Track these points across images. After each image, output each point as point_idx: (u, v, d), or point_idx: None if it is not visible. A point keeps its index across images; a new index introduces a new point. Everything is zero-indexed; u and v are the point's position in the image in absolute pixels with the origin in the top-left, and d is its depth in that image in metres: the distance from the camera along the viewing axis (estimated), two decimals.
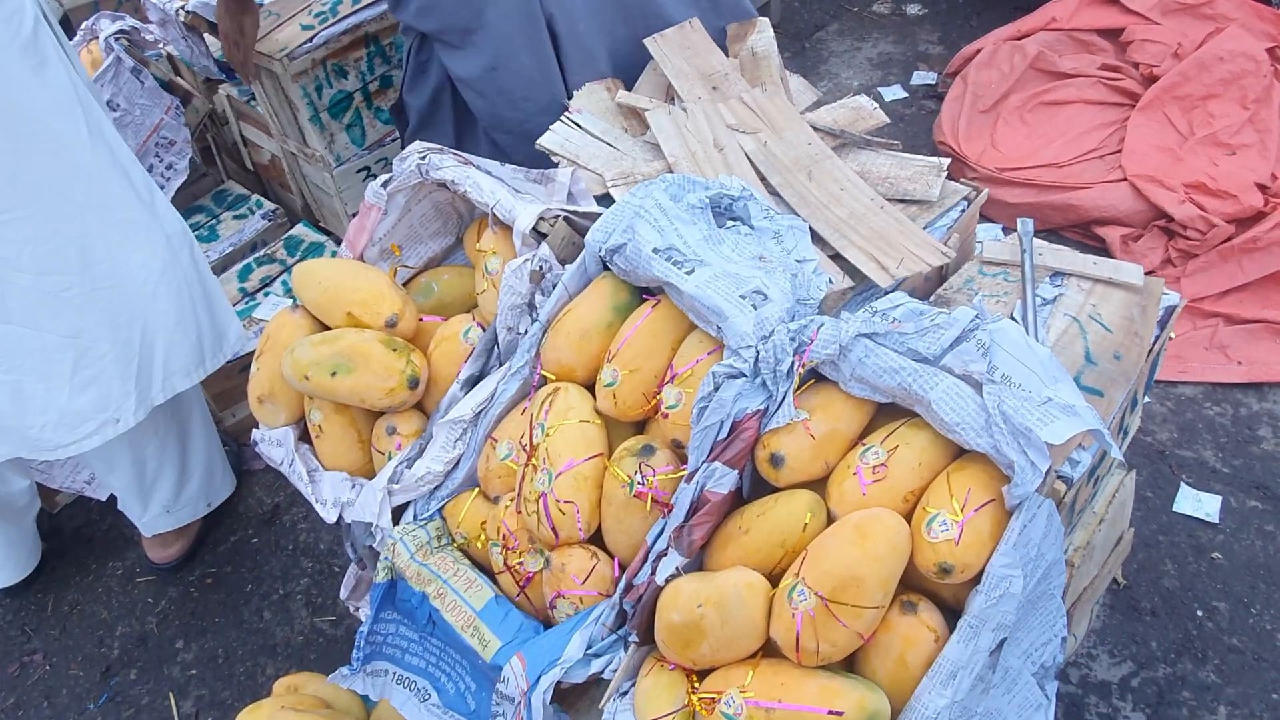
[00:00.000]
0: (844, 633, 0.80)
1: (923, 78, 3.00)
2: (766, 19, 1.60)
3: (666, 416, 0.97)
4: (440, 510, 1.11)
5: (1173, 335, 2.14)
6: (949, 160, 1.39)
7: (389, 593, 1.07)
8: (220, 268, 2.21)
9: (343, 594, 1.23)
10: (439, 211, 1.29)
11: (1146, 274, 2.25)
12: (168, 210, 1.44)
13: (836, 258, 1.25)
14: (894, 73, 3.05)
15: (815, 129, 1.43)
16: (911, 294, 1.30)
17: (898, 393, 0.88)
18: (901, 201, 1.36)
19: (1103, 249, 2.34)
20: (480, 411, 1.09)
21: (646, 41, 1.52)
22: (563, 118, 1.45)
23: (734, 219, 1.09)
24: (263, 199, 2.36)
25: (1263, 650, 1.63)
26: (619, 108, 1.51)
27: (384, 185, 1.21)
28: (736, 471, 0.90)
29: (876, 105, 1.47)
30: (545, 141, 1.40)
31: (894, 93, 2.96)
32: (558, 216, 1.10)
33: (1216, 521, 1.80)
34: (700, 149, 1.39)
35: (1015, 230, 1.34)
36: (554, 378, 1.06)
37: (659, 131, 1.41)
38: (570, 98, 1.51)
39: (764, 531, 0.87)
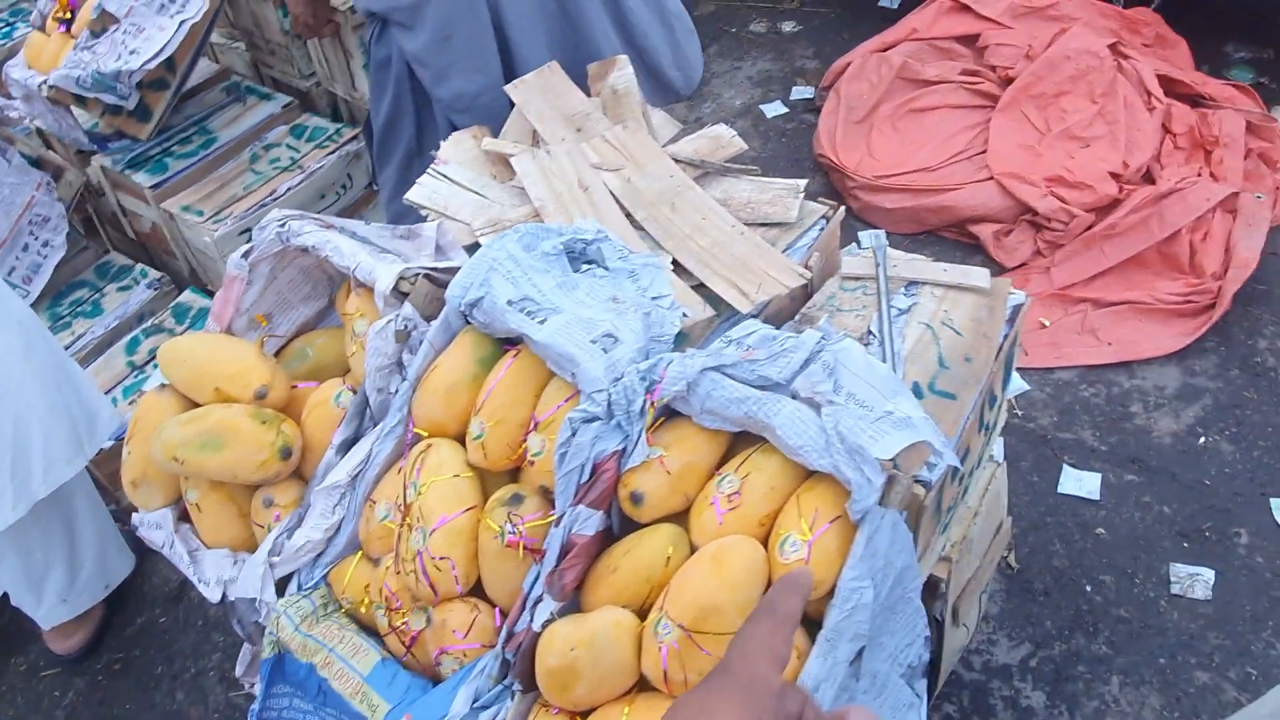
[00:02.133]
0: (709, 661, 0.83)
1: (801, 92, 3.11)
2: (625, 57, 1.65)
3: (532, 464, 0.99)
4: (325, 577, 1.11)
5: (1046, 323, 2.25)
6: (805, 181, 1.45)
7: (277, 667, 1.06)
8: (106, 342, 2.16)
9: (238, 671, 1.21)
10: (307, 276, 1.30)
11: (1017, 266, 2.39)
12: (12, 296, 1.41)
13: (701, 287, 1.29)
14: (774, 89, 3.15)
15: (677, 161, 1.47)
16: (779, 315, 1.35)
17: (746, 421, 0.91)
18: (763, 225, 1.41)
19: (979, 246, 2.46)
20: (357, 474, 1.10)
21: (507, 88, 1.55)
22: (429, 170, 1.46)
23: (589, 262, 1.12)
24: (148, 268, 2.31)
25: (1147, 618, 1.72)
26: (486, 155, 1.53)
27: (245, 256, 1.21)
28: (601, 512, 0.93)
29: (734, 133, 1.53)
30: (413, 196, 1.42)
31: (775, 109, 3.05)
32: (417, 275, 1.12)
33: (1098, 499, 1.90)
34: (565, 190, 1.42)
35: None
36: (426, 434, 1.07)
37: (524, 176, 1.44)
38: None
39: (631, 569, 0.90)
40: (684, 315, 1.08)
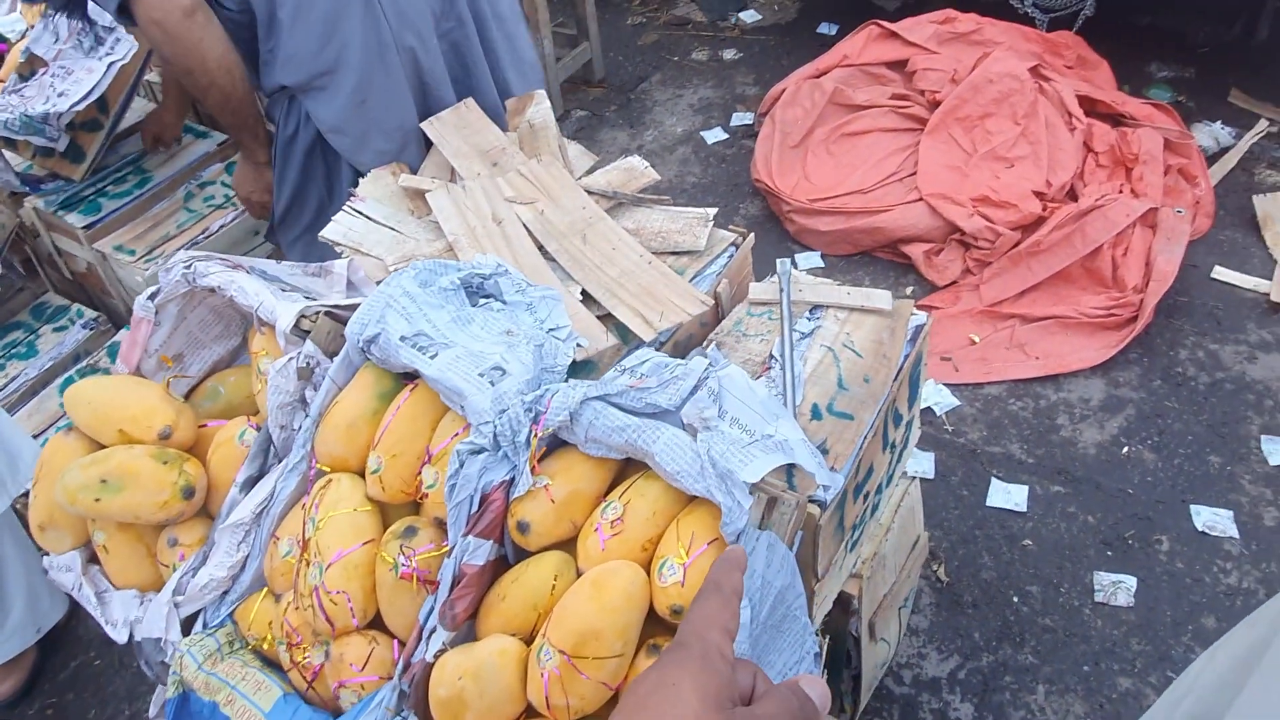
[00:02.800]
0: (589, 685, 0.85)
1: (741, 118, 3.16)
2: (543, 90, 1.68)
3: (426, 497, 1.00)
4: (231, 615, 1.12)
5: (976, 339, 2.30)
6: (715, 210, 1.49)
7: (182, 706, 1.07)
8: (41, 384, 2.14)
9: (151, 712, 1.21)
10: (219, 315, 1.31)
11: (948, 285, 2.44)
12: None
13: (611, 316, 1.32)
14: (715, 116, 3.21)
15: (591, 193, 1.51)
16: (690, 340, 1.38)
17: (628, 449, 0.94)
18: (674, 254, 1.44)
19: (912, 266, 2.51)
20: (261, 511, 1.11)
21: (424, 125, 1.58)
22: (345, 207, 1.48)
23: (487, 296, 1.14)
24: (84, 308, 2.30)
25: (1072, 626, 1.75)
26: (404, 191, 1.55)
27: (151, 297, 1.22)
28: (491, 542, 0.95)
29: (648, 165, 1.56)
30: (328, 233, 1.44)
31: (715, 135, 3.11)
32: (318, 312, 1.13)
33: (1025, 510, 1.94)
34: (479, 224, 1.45)
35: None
36: (329, 470, 1.09)
37: (439, 211, 1.46)
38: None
39: (518, 597, 0.92)
40: (579, 345, 1.10)
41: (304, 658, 1.02)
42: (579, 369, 1.26)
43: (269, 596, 1.10)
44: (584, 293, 1.35)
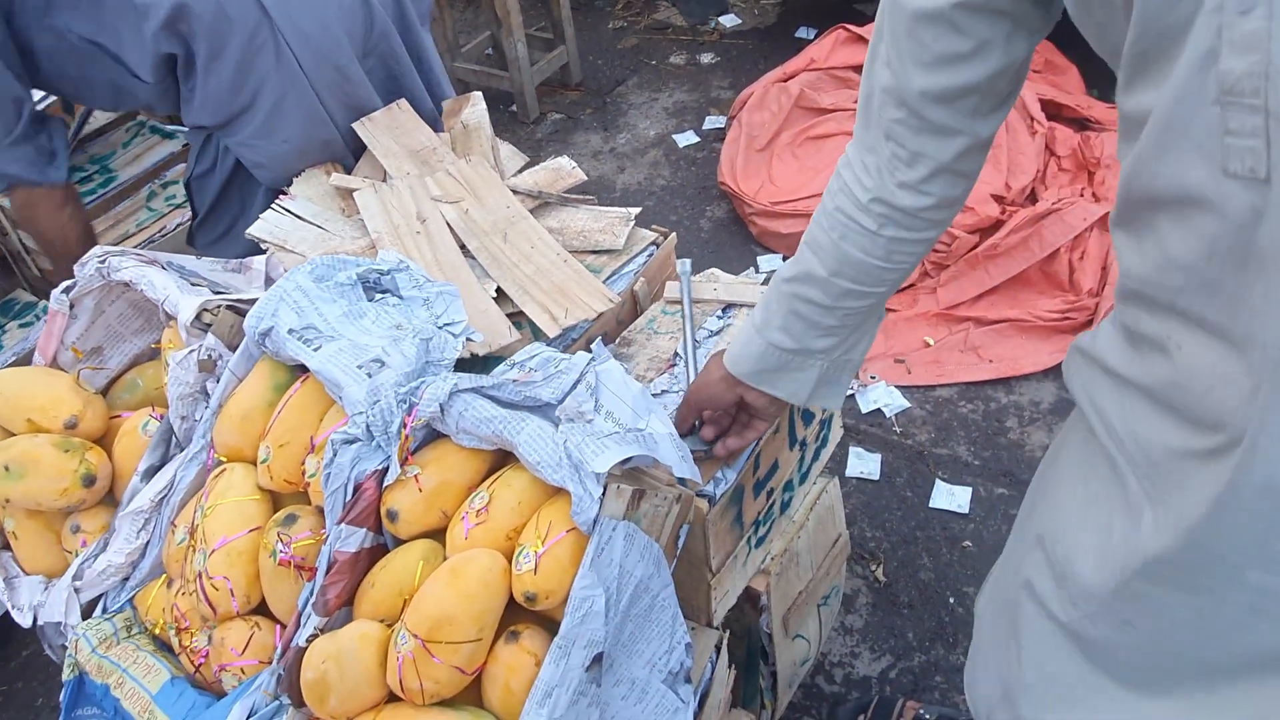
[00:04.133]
0: (443, 669, 0.87)
1: (714, 122, 3.18)
2: (479, 93, 1.71)
3: (308, 485, 1.03)
4: (131, 601, 1.14)
5: (930, 342, 2.30)
6: (637, 210, 1.51)
7: (79, 689, 1.09)
8: None
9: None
10: (138, 309, 1.34)
11: (907, 287, 2.44)
12: None
13: (522, 313, 1.34)
14: (688, 119, 3.22)
15: (517, 192, 1.53)
16: (604, 338, 1.40)
17: (496, 439, 0.96)
18: (594, 252, 1.46)
19: None
20: (162, 499, 1.13)
21: (356, 126, 1.61)
22: (274, 205, 1.51)
23: (385, 292, 1.17)
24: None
25: None
26: (336, 190, 1.58)
27: (65, 291, 1.25)
28: (364, 530, 0.97)
29: (575, 165, 1.58)
30: (254, 230, 1.47)
31: (687, 138, 3.12)
32: (220, 306, 1.16)
33: (967, 512, 1.94)
34: (403, 223, 1.47)
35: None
36: (226, 459, 1.11)
37: (364, 210, 1.49)
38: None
39: (386, 584, 0.94)
40: (470, 339, 1.12)
41: (191, 642, 1.05)
42: (486, 364, 1.28)
43: (166, 582, 1.12)
44: (500, 290, 1.38)
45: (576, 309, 1.30)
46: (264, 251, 1.45)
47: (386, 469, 0.97)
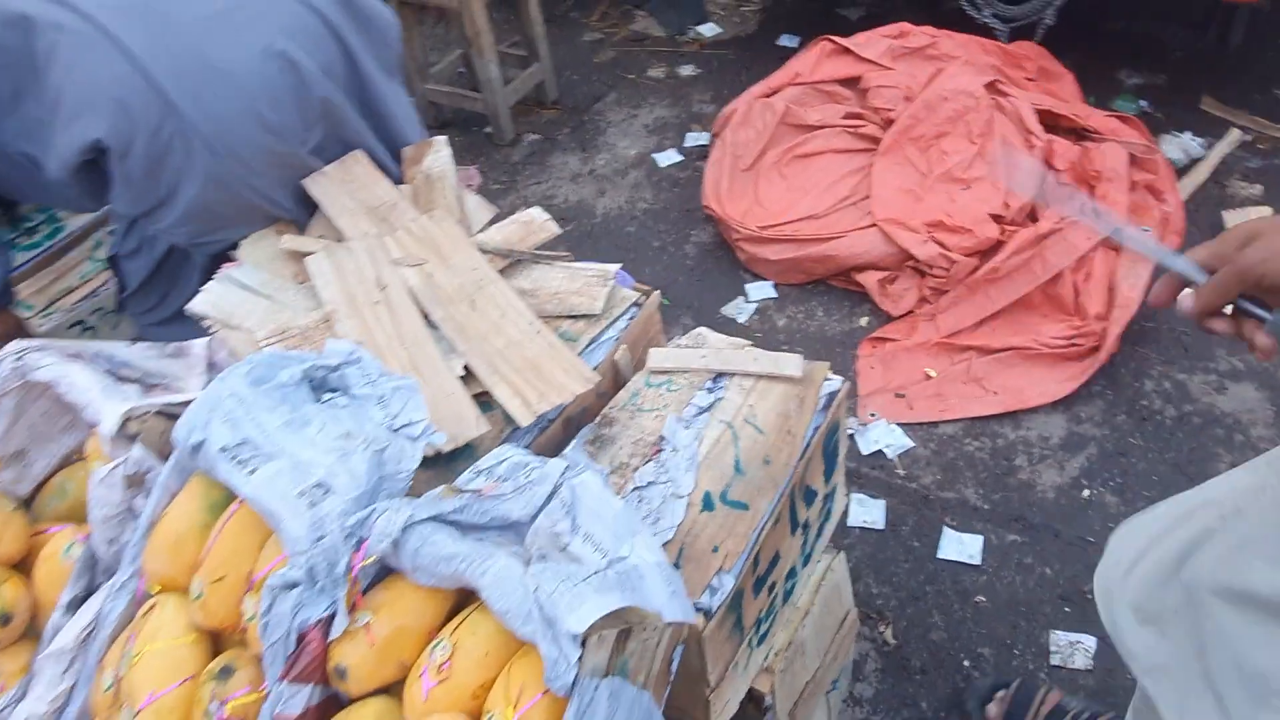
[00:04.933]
0: None
1: (696, 139, 3.06)
2: (444, 138, 1.58)
3: (245, 630, 0.90)
4: None
5: (932, 374, 2.19)
6: (617, 267, 1.38)
7: None
8: None
9: None
10: (65, 406, 1.20)
11: (904, 315, 2.32)
12: None
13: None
14: (669, 137, 3.10)
15: (485, 250, 1.40)
16: (583, 414, 1.27)
17: (459, 580, 0.83)
18: (571, 317, 1.34)
19: (867, 295, 2.40)
20: (88, 636, 1.00)
21: (305, 183, 1.47)
22: (216, 275, 1.38)
23: (334, 391, 1.04)
24: None
25: None
26: (288, 254, 1.45)
27: None
28: (311, 686, 0.84)
29: (548, 217, 1.46)
30: (194, 306, 1.33)
31: (669, 157, 3.00)
32: (147, 413, 1.03)
33: (979, 563, 1.83)
34: (361, 291, 1.34)
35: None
36: (159, 590, 0.98)
37: (317, 277, 1.36)
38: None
39: None
40: (431, 444, 1.00)
41: None
42: (453, 458, 1.16)
43: None
44: (468, 367, 1.25)
45: (551, 391, 1.18)
46: (207, 330, 1.32)
47: (333, 615, 0.84)
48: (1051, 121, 2.52)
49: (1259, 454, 1.78)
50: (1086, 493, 1.92)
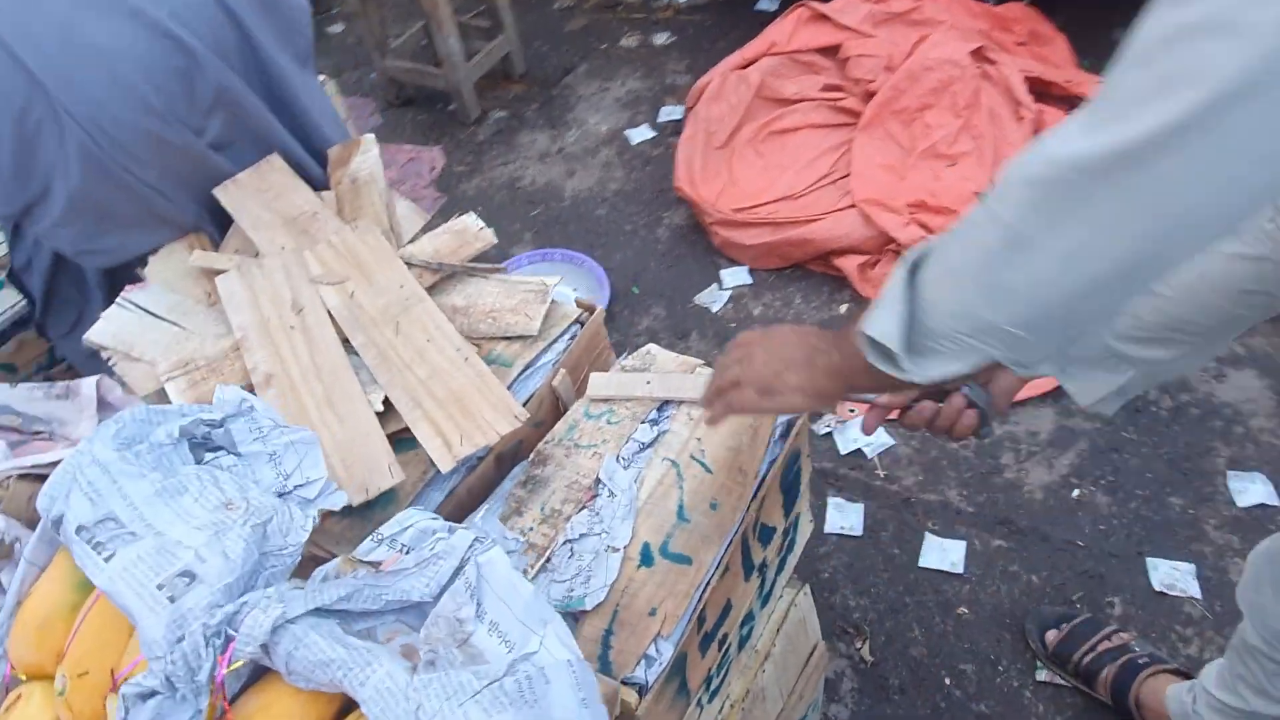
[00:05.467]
0: None
1: (670, 113, 2.91)
2: (372, 136, 1.44)
3: None
4: None
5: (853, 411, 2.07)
6: (557, 280, 1.26)
7: None
8: None
9: None
10: None
11: None
12: None
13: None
14: (642, 111, 2.95)
15: (413, 265, 1.28)
16: (518, 449, 1.16)
17: (339, 687, 0.73)
18: (506, 339, 1.22)
19: (846, 281, 2.27)
20: None
21: (217, 192, 1.35)
22: (118, 299, 1.26)
23: (218, 449, 0.93)
24: None
25: (1009, 713, 1.55)
26: (199, 272, 1.33)
27: None
28: None
29: (482, 225, 1.33)
30: (92, 336, 1.22)
31: (641, 134, 2.85)
32: (9, 477, 0.92)
33: (961, 571, 1.73)
34: (275, 315, 1.22)
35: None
36: (25, 678, 0.88)
37: (228, 300, 1.24)
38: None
39: None
40: (323, 511, 0.89)
41: None
42: (378, 500, 1.05)
43: None
44: (388, 400, 1.14)
45: (475, 431, 1.06)
46: (106, 363, 1.20)
47: None
48: (1043, 89, 2.37)
49: (1259, 447, 1.73)
50: (1076, 492, 1.81)
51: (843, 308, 2.24)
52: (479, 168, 2.83)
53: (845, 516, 1.84)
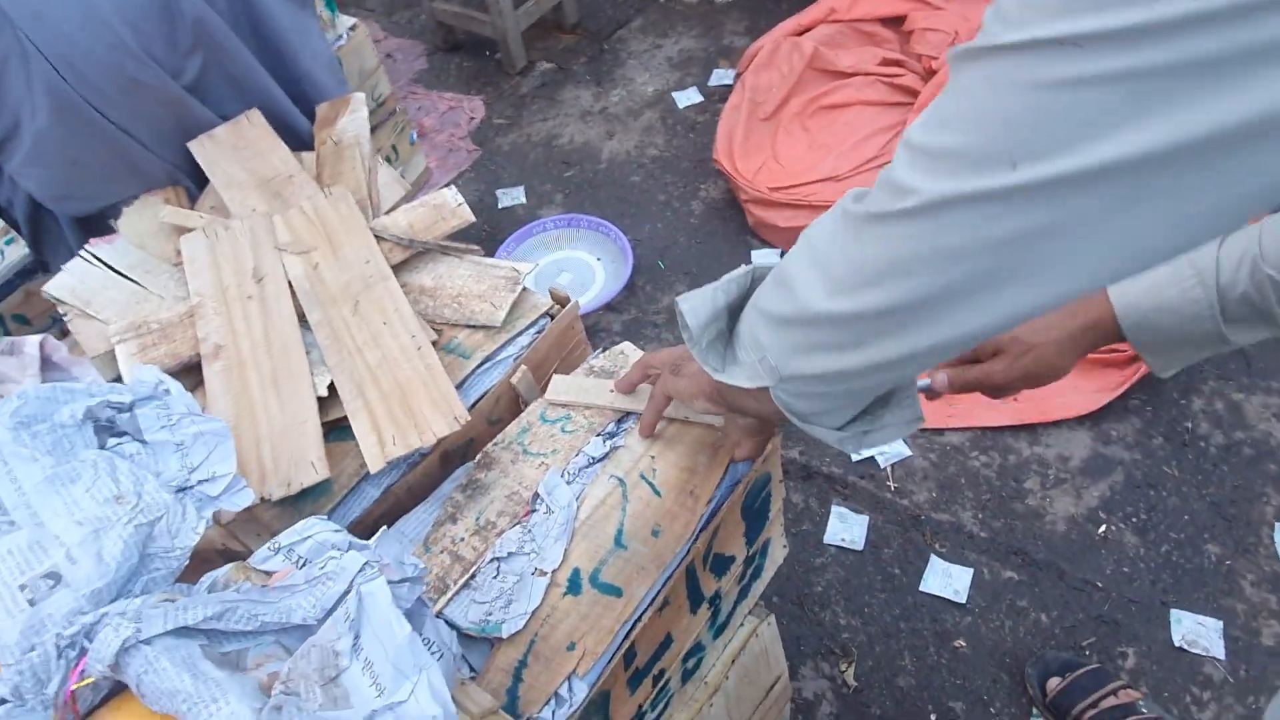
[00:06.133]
0: None
1: (721, 77, 2.76)
2: (362, 95, 1.37)
3: None
4: None
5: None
6: (531, 267, 1.18)
7: None
8: None
9: None
10: None
11: None
12: None
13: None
14: (693, 73, 2.80)
15: (383, 239, 1.21)
16: (467, 445, 1.09)
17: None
18: (469, 327, 1.15)
19: None
20: None
21: (192, 146, 1.29)
22: (81, 252, 1.22)
23: (123, 435, 0.88)
24: None
25: None
26: (172, 229, 1.28)
27: None
28: None
29: (461, 200, 1.25)
30: (52, 288, 1.18)
31: (689, 97, 2.72)
32: None
33: (964, 602, 1.62)
34: (235, 282, 1.17)
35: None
36: None
37: (189, 262, 1.19)
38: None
39: None
40: (225, 508, 0.83)
41: None
42: (310, 490, 1.00)
43: None
44: (333, 385, 1.08)
45: (410, 430, 0.99)
46: (62, 317, 1.17)
47: None
48: None
49: None
50: (1103, 529, 1.67)
51: None
52: (518, 122, 2.74)
53: (848, 528, 1.73)
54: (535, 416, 1.07)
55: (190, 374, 1.12)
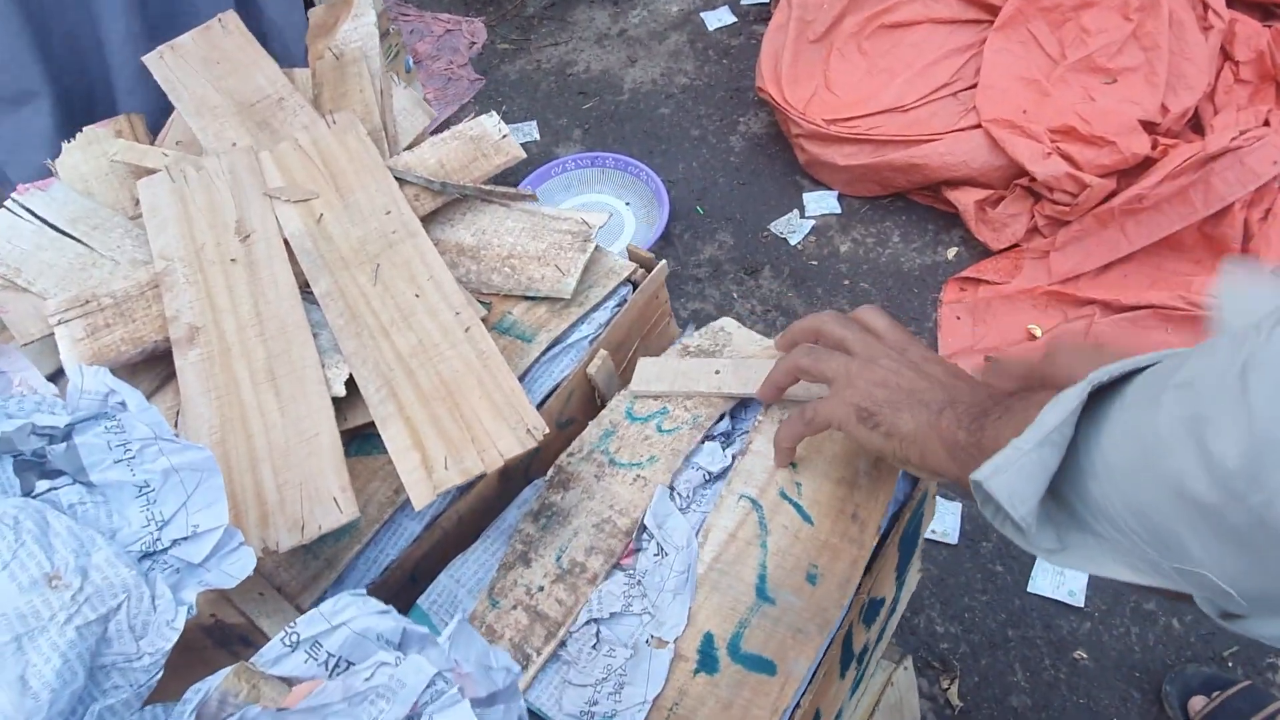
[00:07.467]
0: None
1: None
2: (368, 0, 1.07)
3: None
4: None
5: (1038, 333, 1.69)
6: (608, 216, 0.90)
7: None
8: None
9: None
10: None
11: (1008, 248, 1.81)
12: None
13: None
14: None
15: (407, 182, 0.92)
16: (533, 456, 0.83)
17: None
18: (528, 298, 0.87)
19: (958, 218, 1.87)
20: None
21: (148, 59, 0.99)
22: (7, 202, 0.93)
23: (57, 474, 0.60)
24: None
25: None
26: (128, 170, 0.98)
27: None
28: None
29: (506, 130, 0.96)
30: None
31: (720, 17, 2.40)
32: None
33: (1082, 605, 1.39)
34: (212, 240, 0.88)
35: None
36: None
37: (150, 215, 0.90)
38: None
39: None
40: (214, 585, 0.57)
41: None
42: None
43: None
44: (352, 381, 0.80)
45: (467, 449, 0.72)
46: None
47: None
48: None
49: None
50: None
51: (951, 252, 1.85)
52: (525, 47, 2.41)
53: (939, 518, 1.50)
54: (620, 414, 0.81)
55: (156, 366, 0.84)
